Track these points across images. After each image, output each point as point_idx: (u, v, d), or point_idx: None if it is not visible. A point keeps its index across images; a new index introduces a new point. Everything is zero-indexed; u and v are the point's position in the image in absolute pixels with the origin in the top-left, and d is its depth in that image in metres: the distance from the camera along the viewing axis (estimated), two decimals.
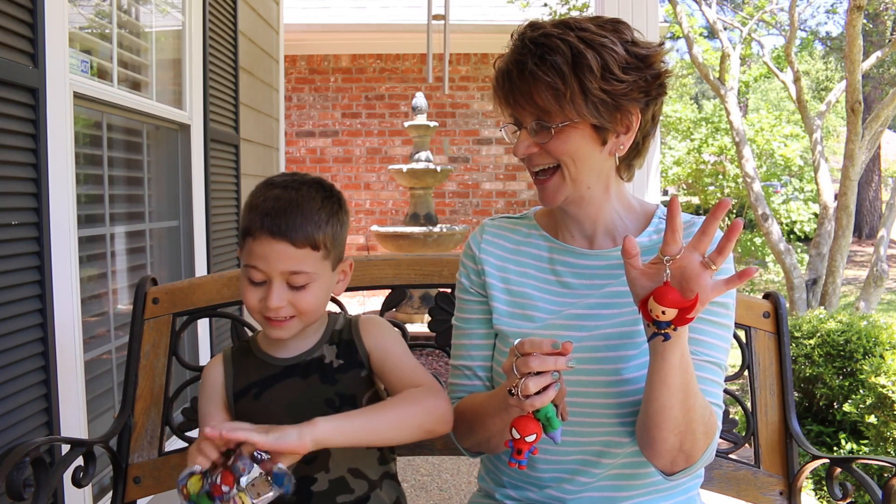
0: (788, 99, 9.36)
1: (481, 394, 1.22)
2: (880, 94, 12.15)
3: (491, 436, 1.15)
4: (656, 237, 1.16)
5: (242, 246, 1.19)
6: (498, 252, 1.25)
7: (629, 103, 1.09)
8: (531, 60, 1.06)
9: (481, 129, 8.07)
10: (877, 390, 2.94)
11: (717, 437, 1.09)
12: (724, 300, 1.12)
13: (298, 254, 1.14)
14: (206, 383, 1.29)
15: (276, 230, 1.13)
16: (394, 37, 7.76)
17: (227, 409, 1.26)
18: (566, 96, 1.05)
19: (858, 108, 5.12)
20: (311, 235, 1.15)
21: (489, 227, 1.29)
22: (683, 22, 6.46)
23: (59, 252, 1.96)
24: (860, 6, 4.86)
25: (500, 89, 1.13)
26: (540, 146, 1.11)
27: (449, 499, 2.93)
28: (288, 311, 1.16)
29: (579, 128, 1.09)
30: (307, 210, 1.16)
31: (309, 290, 1.17)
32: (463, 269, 1.29)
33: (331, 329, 1.27)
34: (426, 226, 6.14)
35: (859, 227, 13.55)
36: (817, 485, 3.13)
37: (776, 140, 9.18)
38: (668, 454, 1.05)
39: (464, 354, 1.27)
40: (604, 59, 1.06)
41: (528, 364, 0.93)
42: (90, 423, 2.20)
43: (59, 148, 1.96)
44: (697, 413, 1.02)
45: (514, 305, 1.20)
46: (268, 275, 1.15)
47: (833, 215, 5.57)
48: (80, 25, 2.41)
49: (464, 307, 1.28)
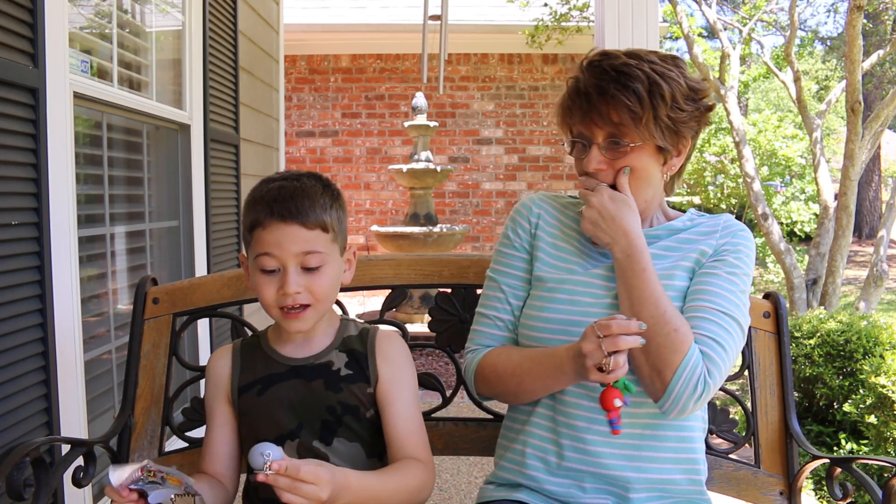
0: (789, 99, 9.35)
1: (517, 351, 1.29)
2: (880, 93, 12.15)
3: (524, 392, 1.27)
4: (689, 223, 1.33)
5: (250, 241, 1.21)
6: (552, 212, 1.38)
7: (686, 130, 1.27)
8: (612, 85, 1.21)
9: (481, 129, 8.07)
10: (877, 390, 2.94)
11: (696, 362, 1.14)
12: (737, 263, 1.25)
13: (310, 235, 1.17)
14: (212, 374, 1.30)
15: (287, 214, 1.16)
16: (394, 37, 7.75)
17: (230, 402, 1.27)
18: (641, 119, 1.21)
19: (858, 107, 5.12)
20: (320, 217, 1.18)
21: (544, 194, 1.43)
22: (683, 22, 6.46)
23: (59, 252, 1.96)
24: (860, 6, 4.86)
25: (578, 108, 1.26)
26: (609, 162, 1.25)
27: (449, 499, 2.93)
28: (305, 297, 1.17)
29: (646, 148, 1.24)
30: (312, 195, 1.19)
31: (323, 273, 1.19)
32: (511, 225, 1.39)
33: (342, 335, 1.28)
34: (426, 226, 6.14)
35: (859, 227, 13.55)
36: (817, 485, 3.13)
37: (778, 140, 9.18)
38: (641, 371, 1.17)
39: (496, 305, 1.35)
40: (672, 90, 1.23)
41: (617, 344, 1.04)
42: (90, 423, 2.20)
43: (59, 148, 1.96)
44: (649, 321, 1.12)
45: (556, 258, 1.33)
46: (282, 260, 1.17)
47: (833, 215, 5.57)
48: (80, 25, 2.41)
49: (503, 260, 1.37)
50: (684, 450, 1.25)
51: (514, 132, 8.05)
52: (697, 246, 1.28)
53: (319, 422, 1.22)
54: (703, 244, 1.28)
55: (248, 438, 1.25)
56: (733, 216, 1.33)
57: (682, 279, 1.26)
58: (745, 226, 1.32)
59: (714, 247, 1.27)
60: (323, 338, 1.27)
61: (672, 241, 1.31)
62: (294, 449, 1.21)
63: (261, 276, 1.19)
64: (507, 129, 8.07)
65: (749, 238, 1.30)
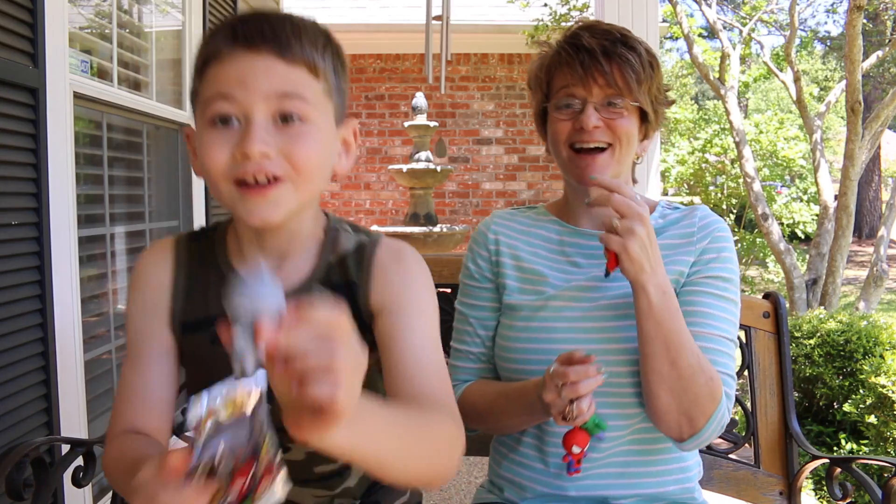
0: (789, 99, 9.37)
1: (493, 388, 1.23)
2: (880, 93, 12.15)
3: (502, 428, 1.24)
4: (661, 221, 1.24)
5: (199, 89, 0.83)
6: (510, 233, 1.29)
7: (660, 112, 1.25)
8: (619, 46, 1.17)
9: (481, 129, 8.07)
10: (877, 390, 2.94)
11: (724, 405, 1.10)
12: (725, 275, 1.18)
13: (291, 72, 0.78)
14: (144, 284, 0.91)
15: (258, 37, 0.78)
16: (394, 37, 7.75)
17: (171, 328, 0.90)
18: (642, 83, 1.17)
19: (858, 108, 5.12)
20: (307, 52, 0.80)
21: (499, 214, 1.33)
22: (683, 22, 6.46)
23: (59, 252, 1.96)
24: (860, 6, 4.86)
25: (579, 65, 1.17)
26: (606, 122, 1.18)
27: (449, 499, 2.93)
28: (278, 165, 0.77)
29: (635, 116, 1.19)
30: (296, 21, 0.83)
31: (308, 134, 0.79)
32: (470, 255, 1.31)
33: (329, 252, 0.89)
34: (426, 226, 6.14)
35: (859, 227, 13.54)
36: (817, 485, 3.13)
37: (780, 141, 9.18)
38: (668, 416, 1.09)
39: (467, 340, 1.29)
40: (659, 69, 1.23)
41: (577, 390, 0.99)
42: (90, 423, 2.20)
43: (59, 148, 1.96)
44: (687, 370, 1.06)
45: (524, 281, 1.24)
46: (244, 106, 0.76)
47: (833, 215, 5.57)
48: (80, 25, 2.41)
49: (469, 293, 1.30)
50: (676, 460, 1.21)
51: (514, 132, 8.05)
52: (676, 256, 1.18)
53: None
54: (682, 253, 1.19)
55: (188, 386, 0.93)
56: (706, 208, 1.25)
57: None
58: (718, 217, 1.24)
59: (694, 253, 1.19)
60: (303, 257, 0.88)
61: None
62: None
63: (210, 131, 0.78)
64: (507, 129, 8.06)
65: (727, 233, 1.22)
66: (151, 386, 0.88)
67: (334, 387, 0.53)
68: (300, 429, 0.55)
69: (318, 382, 0.53)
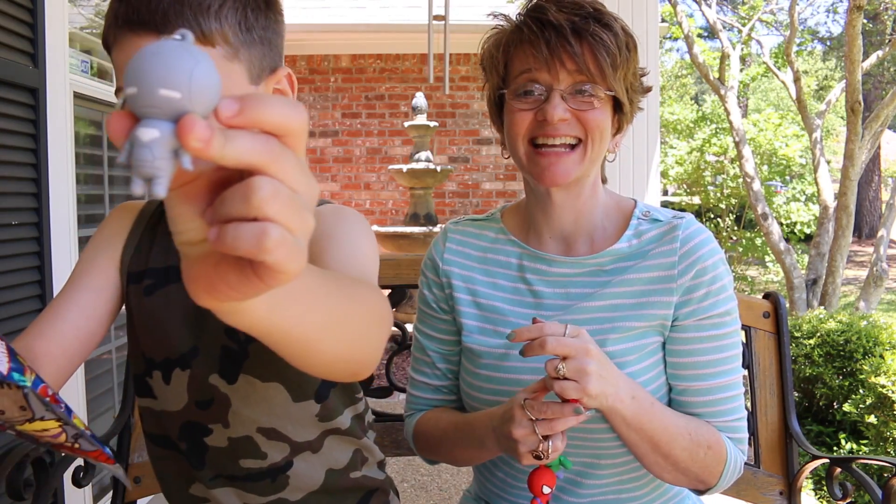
0: (789, 98, 9.36)
1: (445, 417, 1.13)
2: (880, 93, 12.16)
3: (461, 461, 1.13)
4: (636, 242, 1.06)
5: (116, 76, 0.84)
6: (464, 262, 1.14)
7: (635, 102, 1.07)
8: (592, 23, 0.98)
9: (481, 129, 8.07)
10: (877, 390, 2.94)
11: (733, 454, 1.03)
12: (721, 309, 1.03)
13: None
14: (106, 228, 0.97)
15: (136, 18, 0.76)
16: (394, 37, 7.76)
17: (119, 273, 0.93)
18: (619, 67, 0.99)
19: (858, 107, 5.12)
20: (190, 19, 0.75)
21: (453, 234, 1.17)
22: (683, 22, 6.47)
23: (59, 252, 1.96)
24: (860, 6, 4.87)
25: (544, 44, 0.98)
26: (575, 113, 1.00)
27: (449, 499, 2.93)
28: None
29: (607, 106, 1.02)
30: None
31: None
32: (424, 280, 1.17)
33: None
34: (426, 226, 6.15)
35: (859, 227, 13.55)
36: (817, 485, 3.13)
37: (778, 140, 9.19)
38: (678, 485, 1.04)
39: (427, 371, 1.17)
40: (636, 50, 1.04)
41: (554, 427, 0.89)
42: (90, 423, 2.20)
43: (59, 148, 1.96)
44: (683, 454, 0.97)
45: (484, 321, 1.10)
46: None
47: (833, 215, 5.57)
48: (80, 25, 2.41)
49: (427, 321, 1.17)
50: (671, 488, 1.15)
51: None
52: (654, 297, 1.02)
53: (219, 348, 0.89)
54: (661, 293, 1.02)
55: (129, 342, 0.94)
56: (690, 219, 1.07)
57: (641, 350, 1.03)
58: (702, 228, 1.06)
59: (677, 291, 1.01)
60: None
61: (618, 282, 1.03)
62: (184, 383, 0.91)
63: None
64: None
65: (713, 252, 1.03)
66: (68, 312, 0.88)
67: (283, 231, 0.35)
68: (211, 290, 0.39)
69: (261, 223, 0.35)
